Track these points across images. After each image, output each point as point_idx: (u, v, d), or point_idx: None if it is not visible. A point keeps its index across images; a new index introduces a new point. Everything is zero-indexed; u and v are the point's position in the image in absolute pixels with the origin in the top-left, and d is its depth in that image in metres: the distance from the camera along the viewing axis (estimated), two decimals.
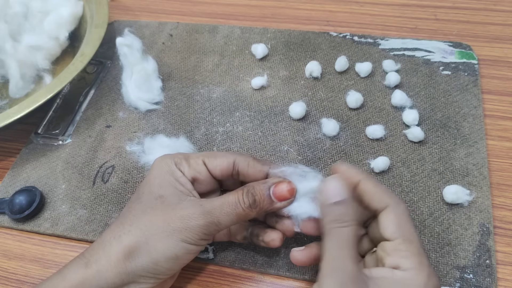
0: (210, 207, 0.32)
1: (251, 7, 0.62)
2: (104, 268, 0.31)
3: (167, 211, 0.32)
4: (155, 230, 0.31)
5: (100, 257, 0.31)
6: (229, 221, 0.32)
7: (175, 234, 0.31)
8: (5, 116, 0.44)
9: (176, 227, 0.31)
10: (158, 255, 0.31)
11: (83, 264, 0.31)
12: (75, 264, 0.32)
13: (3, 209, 0.43)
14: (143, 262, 0.31)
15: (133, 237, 0.31)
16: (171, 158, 0.35)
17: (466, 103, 0.47)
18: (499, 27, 0.55)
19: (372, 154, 0.44)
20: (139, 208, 0.33)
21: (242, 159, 0.35)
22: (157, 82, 0.51)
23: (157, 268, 0.31)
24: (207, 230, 0.32)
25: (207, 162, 0.35)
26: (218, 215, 0.32)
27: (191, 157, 0.35)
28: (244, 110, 0.49)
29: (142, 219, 0.32)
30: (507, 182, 0.41)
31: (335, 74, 0.51)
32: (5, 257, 0.41)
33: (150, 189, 0.34)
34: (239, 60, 0.54)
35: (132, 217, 0.32)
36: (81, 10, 0.56)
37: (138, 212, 0.33)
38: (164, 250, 0.31)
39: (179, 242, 0.31)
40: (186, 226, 0.31)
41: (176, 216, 0.31)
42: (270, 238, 0.35)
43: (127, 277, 0.31)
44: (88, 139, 0.48)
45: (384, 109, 0.47)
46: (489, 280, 0.35)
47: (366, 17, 0.59)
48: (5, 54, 0.52)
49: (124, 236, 0.31)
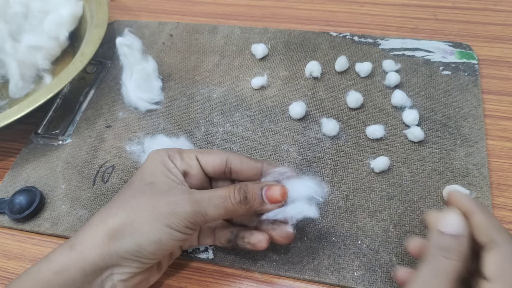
0: (199, 197, 0.32)
1: (251, 7, 0.62)
2: (87, 250, 0.31)
3: (156, 196, 0.32)
4: (141, 212, 0.31)
5: (84, 239, 0.31)
6: (216, 213, 0.32)
7: (160, 218, 0.31)
8: (5, 116, 0.44)
9: (162, 211, 0.31)
10: (142, 237, 0.31)
11: (68, 246, 0.31)
12: (60, 247, 0.32)
13: (3, 209, 0.43)
14: (126, 244, 0.31)
15: (119, 219, 0.31)
16: (165, 150, 0.35)
17: (466, 103, 0.47)
18: (499, 27, 0.55)
19: (372, 154, 0.44)
20: (128, 192, 0.33)
21: (235, 157, 0.35)
22: (157, 82, 0.51)
23: (140, 251, 0.31)
24: (193, 219, 0.31)
25: (200, 158, 0.35)
26: (206, 206, 0.32)
27: (185, 151, 0.36)
28: (244, 110, 0.49)
29: (130, 202, 0.32)
30: (507, 182, 0.41)
31: (335, 74, 0.51)
32: (5, 257, 0.41)
33: (141, 176, 0.34)
34: (239, 60, 0.54)
35: (121, 201, 0.33)
36: (81, 10, 0.56)
37: (127, 197, 0.33)
38: (148, 233, 0.31)
39: (163, 226, 0.31)
40: (173, 211, 0.31)
41: (164, 201, 0.31)
42: (256, 239, 0.34)
43: (110, 259, 0.31)
44: (88, 139, 0.48)
45: (384, 109, 0.47)
46: None
47: (366, 17, 0.59)
48: (5, 54, 0.52)
49: (110, 218, 0.32)
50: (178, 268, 0.39)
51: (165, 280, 0.38)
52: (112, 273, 0.32)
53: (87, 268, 0.30)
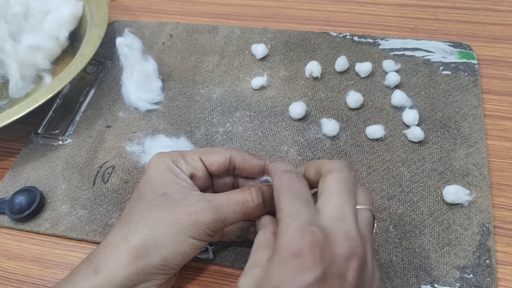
0: (217, 204, 0.32)
1: (251, 7, 0.62)
2: (114, 271, 0.30)
3: (173, 207, 0.32)
4: (162, 227, 0.31)
5: (108, 261, 0.31)
6: (235, 218, 0.32)
7: (183, 230, 0.31)
8: (5, 116, 0.44)
9: (184, 223, 0.31)
10: (167, 252, 0.31)
11: (92, 270, 0.31)
12: (83, 270, 0.31)
13: (3, 209, 0.43)
14: (153, 260, 0.31)
15: (141, 236, 0.31)
16: (168, 155, 0.35)
17: (466, 103, 0.47)
18: (499, 27, 0.55)
19: (372, 154, 0.44)
20: (143, 206, 0.32)
21: (238, 154, 0.35)
22: (157, 82, 0.51)
23: (167, 265, 0.31)
24: (214, 227, 0.31)
25: (204, 159, 0.35)
26: (225, 212, 0.32)
27: (187, 154, 0.35)
28: (244, 110, 0.49)
29: (148, 216, 0.32)
30: (507, 182, 0.41)
31: (335, 74, 0.51)
32: (5, 257, 0.41)
33: (152, 187, 0.33)
34: (239, 60, 0.54)
35: (138, 216, 0.32)
36: (81, 10, 0.56)
37: (143, 211, 0.32)
38: (173, 247, 0.31)
39: (187, 238, 0.31)
40: (194, 222, 0.31)
41: (184, 212, 0.31)
42: None
43: (137, 277, 0.31)
44: (88, 139, 0.48)
45: (384, 109, 0.47)
46: (489, 280, 0.35)
47: (366, 17, 0.59)
48: (5, 54, 0.52)
49: (132, 236, 0.31)
50: None
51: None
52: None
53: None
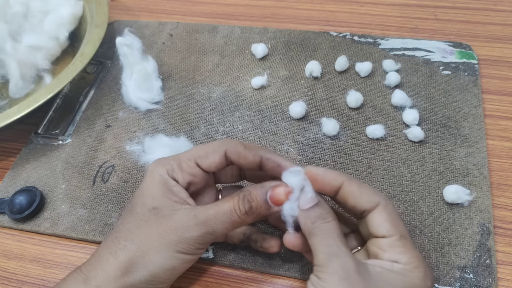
0: (204, 217, 0.31)
1: (251, 7, 0.62)
2: (103, 284, 0.31)
3: (161, 223, 0.32)
4: (150, 243, 0.31)
5: (98, 273, 0.31)
6: (224, 229, 0.32)
7: (170, 246, 0.31)
8: (5, 116, 0.44)
9: (171, 239, 0.31)
10: (155, 268, 0.31)
11: (81, 280, 0.31)
12: (73, 279, 0.31)
13: (3, 209, 0.43)
14: (141, 276, 0.31)
15: (129, 252, 0.31)
16: (163, 166, 0.34)
17: (466, 103, 0.47)
18: (499, 27, 0.55)
19: (372, 154, 0.44)
20: (132, 221, 0.33)
21: (232, 149, 0.34)
22: (157, 82, 0.51)
23: (156, 280, 0.31)
24: (202, 240, 0.31)
25: (200, 163, 0.34)
26: (213, 225, 0.31)
27: (183, 160, 0.34)
28: (244, 109, 0.49)
29: (137, 233, 0.32)
30: (507, 182, 0.41)
31: (335, 74, 0.51)
32: (5, 257, 0.41)
33: (143, 201, 0.33)
34: (239, 60, 0.54)
35: (126, 231, 0.32)
36: (81, 10, 0.56)
37: (132, 226, 0.32)
38: (161, 263, 0.31)
39: (175, 253, 0.31)
40: (181, 238, 0.31)
41: (171, 229, 0.31)
42: (269, 244, 0.35)
43: None
44: (88, 139, 0.48)
45: (384, 109, 0.47)
46: (489, 280, 0.35)
47: (366, 17, 0.59)
48: (5, 54, 0.52)
49: (120, 252, 0.31)
50: None
51: None
52: None
53: None
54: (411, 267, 0.29)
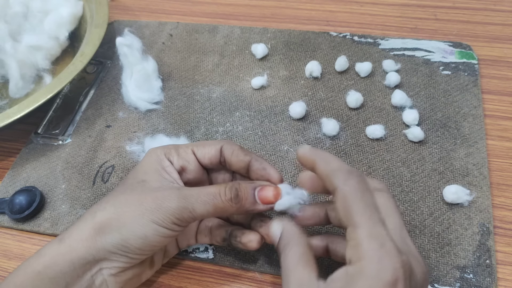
0: (187, 193, 0.32)
1: (251, 7, 0.62)
2: (75, 243, 0.31)
3: (144, 191, 0.32)
4: (127, 207, 0.32)
5: (73, 233, 0.32)
6: (204, 210, 0.31)
7: (146, 213, 0.31)
8: (5, 116, 0.44)
9: (148, 206, 0.31)
10: (127, 232, 0.31)
11: (57, 240, 0.32)
12: (51, 241, 0.32)
13: (3, 209, 0.43)
14: (112, 238, 0.31)
15: (106, 213, 0.32)
16: (162, 148, 0.35)
17: (466, 103, 0.47)
18: (499, 27, 0.55)
19: (372, 154, 0.44)
20: (120, 189, 0.34)
21: (228, 146, 0.35)
22: (157, 82, 0.51)
23: (127, 246, 0.31)
24: (180, 215, 0.31)
25: (196, 151, 0.35)
26: (194, 202, 0.31)
27: (181, 147, 0.36)
28: (244, 110, 0.49)
29: (119, 197, 0.33)
30: (507, 182, 0.41)
31: (335, 74, 0.51)
32: (5, 257, 0.41)
33: (135, 174, 0.34)
34: (239, 60, 0.54)
35: (110, 196, 0.33)
36: (81, 10, 0.56)
37: (117, 192, 0.33)
38: (133, 228, 0.31)
39: (149, 222, 0.31)
40: (158, 206, 0.31)
41: (151, 197, 0.32)
42: (247, 239, 0.34)
43: (97, 253, 0.31)
44: (88, 139, 0.48)
45: (384, 109, 0.47)
46: (489, 280, 0.35)
47: (366, 17, 0.59)
48: (5, 54, 0.52)
49: (99, 212, 0.32)
50: (178, 268, 0.39)
51: (165, 280, 0.38)
52: (101, 267, 0.32)
53: (75, 262, 0.31)
54: (359, 267, 0.24)
